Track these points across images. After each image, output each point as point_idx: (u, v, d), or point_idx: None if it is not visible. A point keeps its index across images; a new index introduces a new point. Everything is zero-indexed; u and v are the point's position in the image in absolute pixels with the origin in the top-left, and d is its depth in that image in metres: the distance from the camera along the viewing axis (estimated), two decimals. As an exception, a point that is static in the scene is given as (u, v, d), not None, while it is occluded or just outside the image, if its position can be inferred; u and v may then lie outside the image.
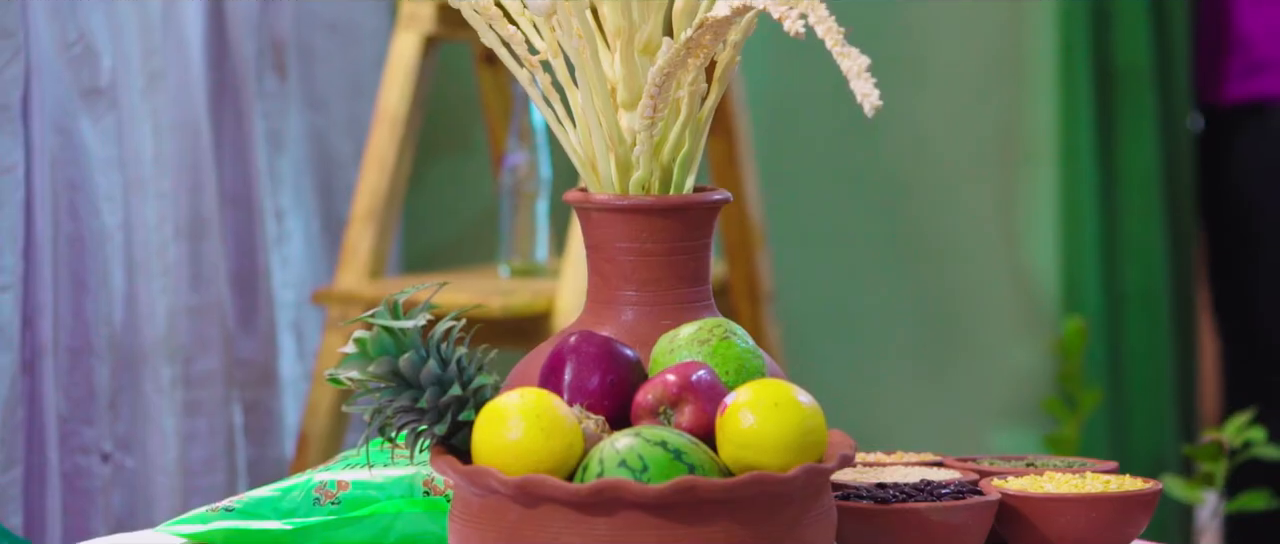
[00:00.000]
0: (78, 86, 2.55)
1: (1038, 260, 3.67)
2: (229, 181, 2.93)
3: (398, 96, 3.01)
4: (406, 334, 1.47)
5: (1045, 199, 3.65)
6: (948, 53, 3.69)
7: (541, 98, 1.62)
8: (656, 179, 1.58)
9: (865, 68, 1.31)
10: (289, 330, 3.14)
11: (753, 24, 1.61)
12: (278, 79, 3.10)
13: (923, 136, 3.70)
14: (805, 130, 3.72)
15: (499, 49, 1.61)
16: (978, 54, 3.69)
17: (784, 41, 1.46)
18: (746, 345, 1.52)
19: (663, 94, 1.51)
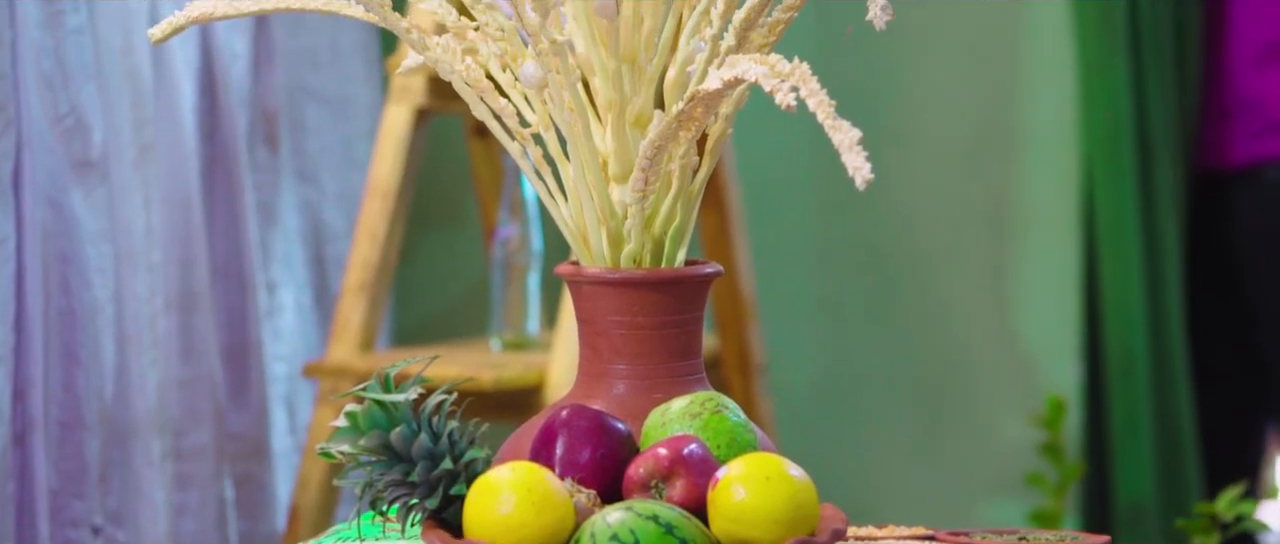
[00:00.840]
0: (69, 159, 2.55)
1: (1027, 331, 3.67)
2: (220, 254, 2.93)
3: (389, 169, 3.01)
4: (398, 408, 1.47)
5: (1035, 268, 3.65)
6: (937, 123, 3.70)
7: (533, 170, 1.62)
8: (648, 252, 1.58)
9: (856, 141, 1.31)
10: (280, 404, 3.13)
11: (744, 96, 1.61)
12: (269, 151, 3.10)
13: (913, 208, 3.70)
14: (796, 203, 3.72)
15: (490, 122, 1.61)
16: (967, 124, 3.69)
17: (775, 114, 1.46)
18: (738, 419, 1.51)
19: (654, 167, 1.52)
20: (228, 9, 1.59)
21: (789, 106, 1.33)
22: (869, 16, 1.41)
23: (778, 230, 3.69)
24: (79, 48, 2.55)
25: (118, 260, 2.63)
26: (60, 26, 2.53)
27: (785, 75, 1.36)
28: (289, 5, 1.61)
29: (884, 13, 1.40)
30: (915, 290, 3.73)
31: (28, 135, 2.46)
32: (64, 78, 2.53)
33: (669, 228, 1.59)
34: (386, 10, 1.57)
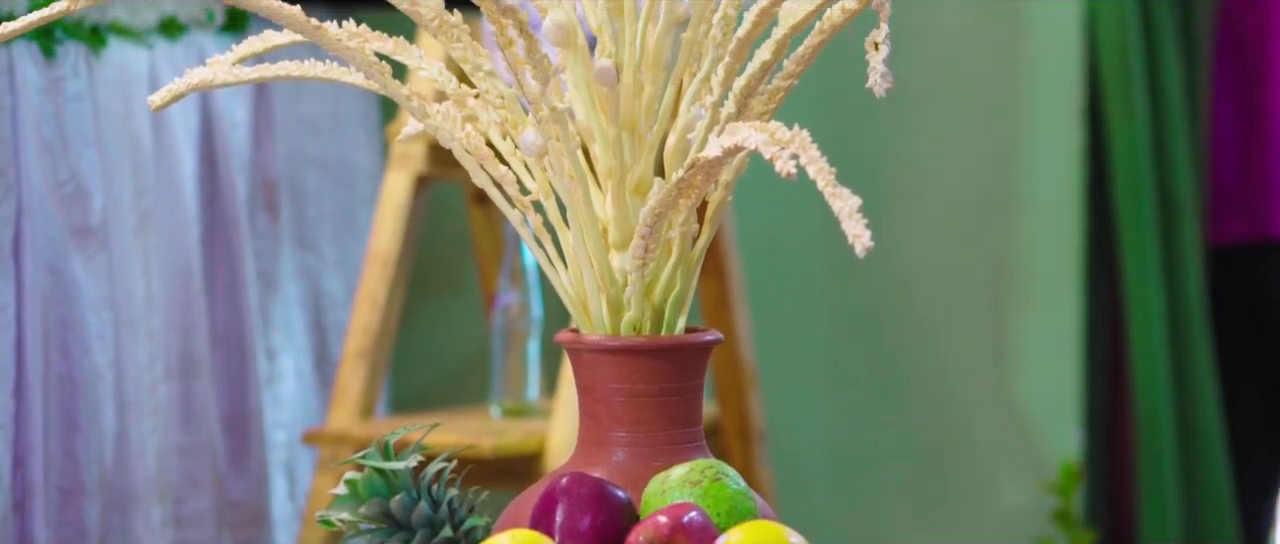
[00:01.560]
0: (69, 226, 2.55)
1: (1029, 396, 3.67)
2: (220, 321, 2.92)
3: (389, 236, 3.01)
4: (398, 475, 1.47)
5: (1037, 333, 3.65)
6: (938, 188, 3.70)
7: (533, 238, 1.62)
8: (648, 320, 1.58)
9: (856, 208, 1.31)
10: (280, 471, 3.13)
11: (744, 164, 1.61)
12: (269, 219, 3.10)
13: (914, 274, 3.70)
14: (797, 270, 3.72)
15: (490, 189, 1.61)
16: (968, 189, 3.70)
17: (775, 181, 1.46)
18: (738, 486, 1.51)
19: (654, 235, 1.52)
20: (228, 77, 1.59)
21: (789, 174, 1.33)
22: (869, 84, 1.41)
23: (778, 297, 3.69)
24: (79, 114, 2.56)
25: (118, 327, 2.63)
26: (60, 93, 2.53)
27: (785, 143, 1.36)
28: (289, 73, 1.61)
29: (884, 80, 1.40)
30: (916, 356, 3.73)
31: (28, 202, 2.46)
32: (64, 144, 2.54)
33: (669, 295, 1.59)
34: (386, 78, 1.57)
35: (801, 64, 1.56)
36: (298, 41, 1.62)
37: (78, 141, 2.56)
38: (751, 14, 1.51)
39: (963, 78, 3.69)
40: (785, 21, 1.51)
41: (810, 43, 1.54)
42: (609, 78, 1.57)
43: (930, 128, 3.70)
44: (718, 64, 1.56)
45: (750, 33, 1.51)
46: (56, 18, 1.54)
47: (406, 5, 1.54)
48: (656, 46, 1.59)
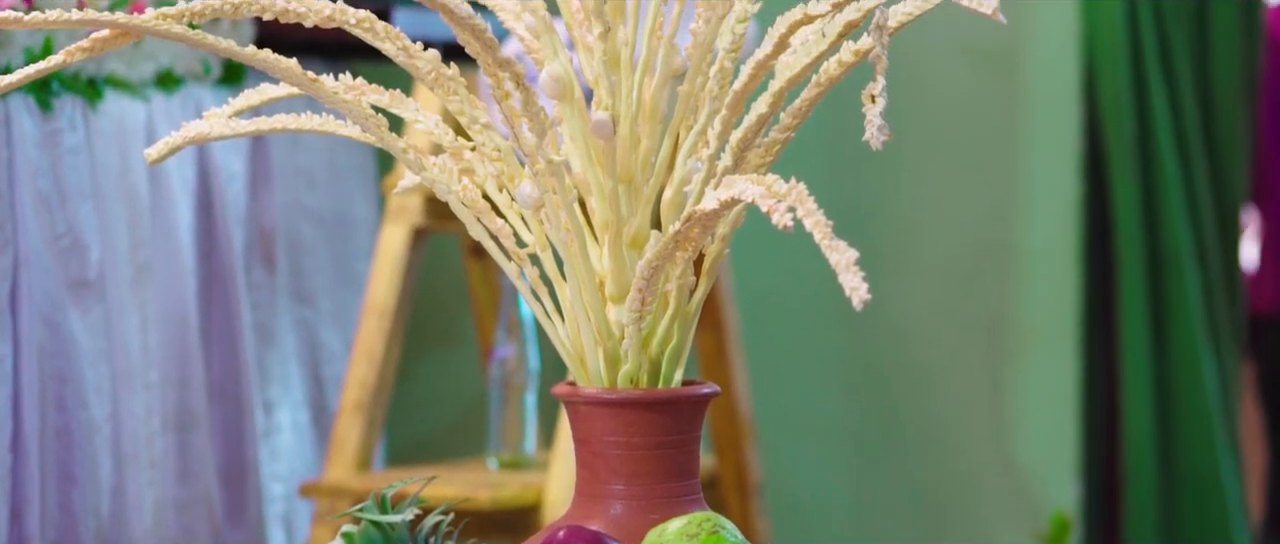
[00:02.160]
0: (66, 278, 2.55)
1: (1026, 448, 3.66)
2: (217, 374, 2.92)
3: (386, 288, 3.01)
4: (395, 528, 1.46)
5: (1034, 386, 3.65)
6: (935, 241, 3.70)
7: (530, 291, 1.62)
8: (645, 373, 1.58)
9: (854, 261, 1.31)
10: (278, 523, 3.12)
11: (741, 216, 1.61)
12: (266, 271, 3.10)
13: (911, 326, 3.70)
14: (794, 322, 3.72)
15: (487, 242, 1.61)
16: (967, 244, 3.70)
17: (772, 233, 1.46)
18: (736, 539, 1.51)
19: (651, 287, 1.51)
20: (224, 130, 1.60)
21: (786, 227, 1.33)
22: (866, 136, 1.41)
23: (775, 350, 3.69)
24: (76, 167, 2.56)
25: (114, 380, 2.63)
26: (57, 146, 2.53)
27: (782, 195, 1.36)
28: (286, 126, 1.62)
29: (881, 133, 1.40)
30: (913, 408, 3.72)
31: (25, 254, 2.46)
32: (61, 197, 2.54)
33: (666, 348, 1.59)
34: (383, 131, 1.57)
35: (798, 117, 1.56)
36: (294, 94, 1.63)
37: (75, 194, 2.56)
38: (748, 67, 1.51)
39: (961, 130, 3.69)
40: (782, 74, 1.51)
41: (807, 96, 1.55)
42: (606, 131, 1.57)
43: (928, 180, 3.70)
44: (714, 117, 1.56)
45: (747, 86, 1.52)
46: (53, 71, 1.54)
47: (403, 58, 1.54)
48: (653, 99, 1.60)
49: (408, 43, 1.55)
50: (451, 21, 1.43)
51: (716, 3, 1.56)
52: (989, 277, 3.69)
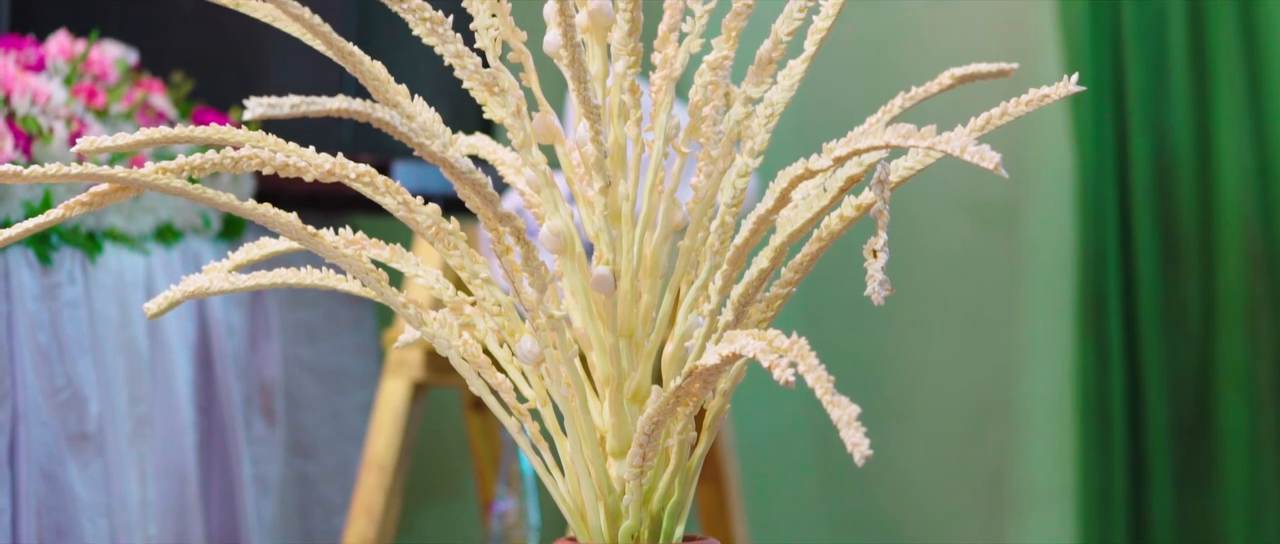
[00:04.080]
0: (65, 432, 2.54)
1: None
2: (216, 528, 2.90)
3: (386, 443, 3.00)
4: None
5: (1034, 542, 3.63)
6: (937, 398, 3.69)
7: (530, 445, 1.61)
8: (646, 528, 1.56)
9: (855, 416, 1.30)
10: None
11: (742, 371, 1.60)
12: (266, 424, 3.09)
13: (913, 481, 3.69)
14: (795, 477, 3.70)
15: (487, 397, 1.61)
16: (967, 400, 3.69)
17: (774, 387, 1.45)
18: None
19: (652, 443, 1.50)
20: (224, 284, 1.59)
21: (788, 382, 1.33)
22: (867, 291, 1.41)
23: (777, 504, 3.67)
24: (75, 321, 2.56)
25: (114, 534, 2.61)
26: (56, 299, 2.53)
27: (783, 351, 1.35)
28: (286, 280, 1.61)
29: (882, 288, 1.40)
30: (916, 564, 3.70)
31: (23, 408, 2.45)
32: (60, 350, 2.53)
33: (667, 503, 1.57)
34: (383, 285, 1.57)
35: (800, 272, 1.56)
36: (294, 248, 1.62)
37: (74, 348, 2.55)
38: (749, 222, 1.51)
39: (962, 285, 3.69)
40: (783, 229, 1.51)
41: (808, 251, 1.54)
42: (606, 285, 1.56)
43: (929, 335, 3.70)
44: (716, 272, 1.56)
45: (748, 241, 1.51)
46: (52, 225, 1.54)
47: (403, 213, 1.54)
48: (654, 254, 1.59)
49: (408, 197, 1.55)
50: (451, 176, 1.43)
51: (717, 157, 1.56)
52: (989, 433, 3.68)
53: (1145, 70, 3.63)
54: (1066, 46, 3.66)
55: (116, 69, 2.86)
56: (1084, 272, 3.61)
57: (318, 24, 1.38)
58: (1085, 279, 3.60)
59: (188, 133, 1.48)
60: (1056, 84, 1.46)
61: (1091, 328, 3.60)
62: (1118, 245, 3.56)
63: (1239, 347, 3.62)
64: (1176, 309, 3.60)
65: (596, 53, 1.59)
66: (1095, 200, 3.59)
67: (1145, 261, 3.57)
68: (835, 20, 1.54)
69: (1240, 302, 3.63)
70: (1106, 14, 3.66)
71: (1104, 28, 3.66)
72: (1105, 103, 3.63)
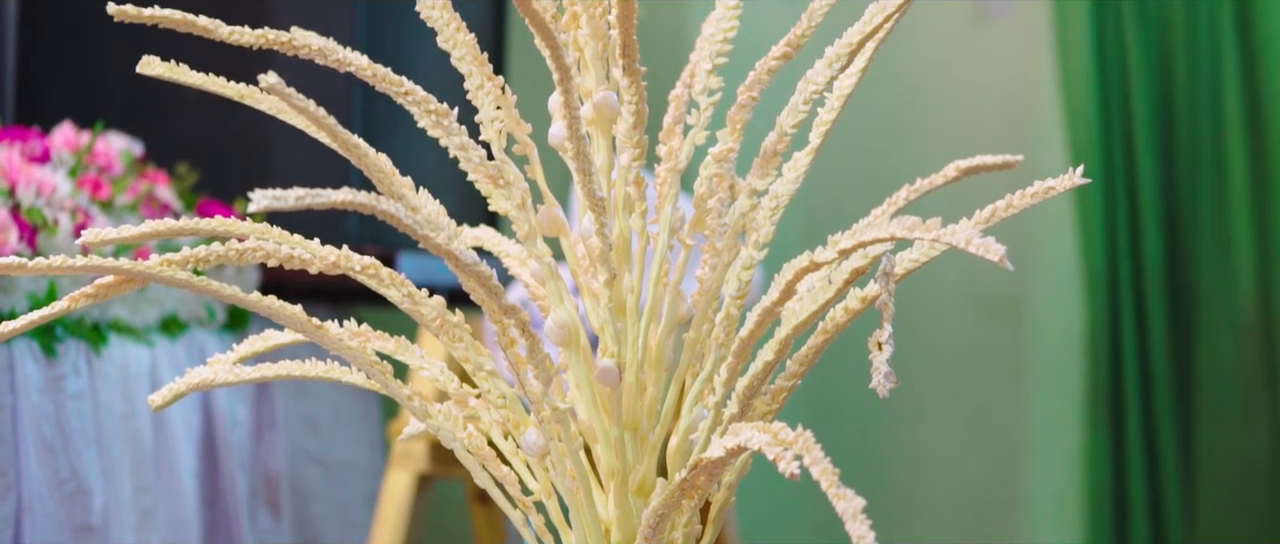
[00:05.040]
0: (70, 524, 2.53)
1: None
2: (219, 621, 2.90)
3: (391, 534, 2.99)
4: None
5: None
6: (943, 489, 3.68)
7: (536, 538, 1.60)
8: (651, 622, 1.55)
9: (860, 509, 1.30)
10: None
11: (748, 464, 1.60)
12: (271, 516, 3.08)
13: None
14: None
15: (492, 489, 1.60)
16: (973, 491, 3.68)
17: (778, 479, 1.45)
18: None
19: (657, 536, 1.50)
20: (229, 376, 1.59)
21: (793, 475, 1.32)
22: (873, 384, 1.41)
23: (782, 597, 3.66)
24: (80, 413, 2.55)
25: (116, 627, 2.60)
26: (61, 391, 2.53)
27: (789, 444, 1.35)
28: (290, 372, 1.61)
29: (888, 380, 1.40)
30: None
31: (28, 500, 2.45)
32: (65, 443, 2.53)
33: (672, 597, 1.57)
34: (388, 378, 1.57)
35: (805, 364, 1.56)
36: (299, 340, 1.62)
37: (78, 440, 2.55)
38: (754, 314, 1.50)
39: (966, 377, 3.69)
40: (788, 322, 1.51)
41: (813, 343, 1.54)
42: (611, 378, 1.56)
43: (934, 427, 3.69)
44: (720, 364, 1.55)
45: (753, 333, 1.51)
46: (57, 317, 1.54)
47: (408, 305, 1.54)
48: (659, 346, 1.59)
49: (413, 289, 1.55)
50: (456, 268, 1.43)
51: (722, 250, 1.56)
52: (995, 524, 3.67)
53: (1154, 159, 3.64)
54: (1072, 136, 3.67)
55: (121, 160, 2.87)
56: (1093, 361, 3.60)
57: (322, 116, 1.39)
58: (1095, 369, 3.60)
59: (193, 225, 1.48)
60: (1062, 176, 1.46)
61: (1105, 418, 3.59)
62: (1135, 335, 3.56)
63: (1261, 429, 3.62)
64: (1193, 396, 3.60)
65: (601, 145, 1.59)
66: (1107, 290, 3.58)
67: (1158, 350, 3.56)
68: (840, 112, 1.55)
69: (1258, 385, 3.62)
70: (1116, 104, 3.66)
71: (1114, 118, 3.67)
72: (1117, 193, 3.63)
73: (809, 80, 1.53)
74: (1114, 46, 3.73)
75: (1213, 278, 3.65)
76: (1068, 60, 3.75)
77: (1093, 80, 3.71)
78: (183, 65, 1.58)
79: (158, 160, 3.14)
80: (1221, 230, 3.65)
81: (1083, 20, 3.75)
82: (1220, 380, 3.63)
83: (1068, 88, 3.75)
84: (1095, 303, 3.60)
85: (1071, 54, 3.75)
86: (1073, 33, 3.76)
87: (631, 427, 1.58)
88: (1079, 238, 3.62)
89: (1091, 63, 3.72)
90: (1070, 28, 3.77)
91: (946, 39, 4.00)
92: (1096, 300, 3.61)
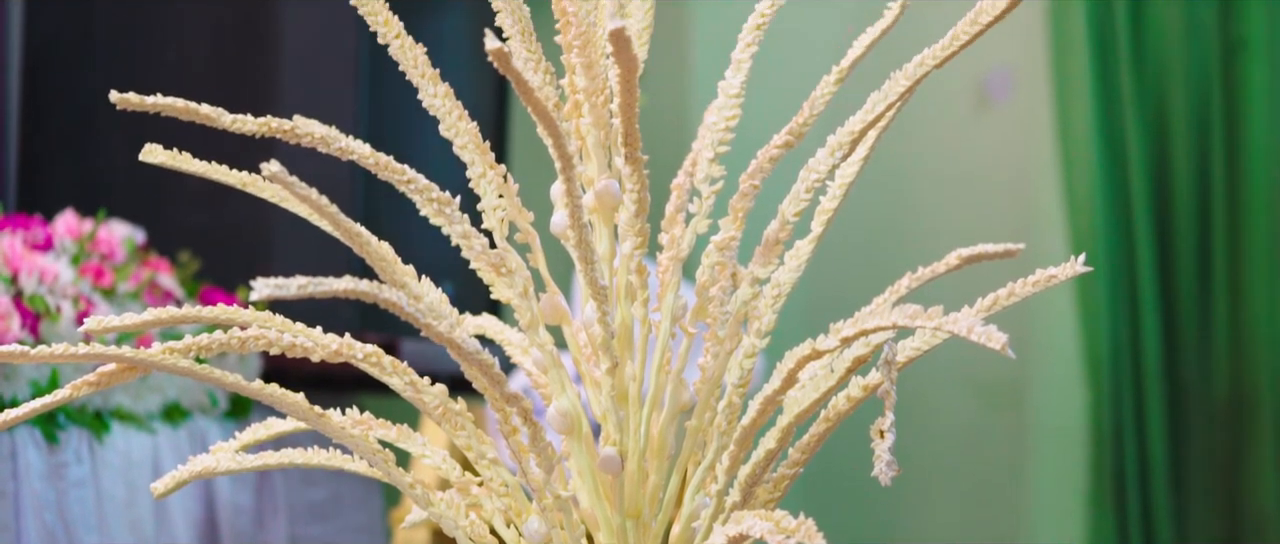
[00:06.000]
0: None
1: None
2: None
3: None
4: None
5: None
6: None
7: (536, 628, 1.59)
8: None
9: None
10: None
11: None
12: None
13: None
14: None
15: (494, 579, 1.60)
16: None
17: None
18: None
19: (659, 625, 1.49)
20: (231, 464, 1.59)
21: (795, 564, 1.32)
22: (875, 472, 1.40)
23: None
24: (81, 500, 2.55)
25: None
26: (63, 479, 2.53)
27: (791, 532, 1.35)
28: (293, 460, 1.61)
29: (889, 468, 1.39)
30: None
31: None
32: (66, 530, 2.52)
33: None
34: (390, 466, 1.56)
35: (807, 452, 1.56)
36: (301, 428, 1.62)
37: (80, 527, 2.54)
38: (756, 402, 1.50)
39: (968, 466, 3.68)
40: (790, 410, 1.50)
41: (815, 431, 1.54)
42: (614, 466, 1.56)
43: (937, 514, 3.68)
44: (722, 452, 1.55)
45: (755, 421, 1.51)
46: (60, 404, 1.53)
47: (410, 393, 1.54)
48: (661, 434, 1.59)
49: (415, 377, 1.55)
50: (458, 356, 1.43)
51: (724, 338, 1.56)
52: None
53: (1152, 248, 3.65)
54: (1072, 225, 3.68)
55: (124, 248, 2.87)
56: (1095, 448, 3.60)
57: (325, 204, 1.39)
58: (1098, 456, 3.59)
59: (195, 313, 1.48)
60: (1064, 265, 1.46)
61: (1108, 505, 3.59)
62: (1134, 422, 3.56)
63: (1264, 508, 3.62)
64: (1187, 482, 3.60)
65: (603, 234, 1.59)
66: (1111, 377, 3.59)
67: (1155, 438, 3.56)
68: (842, 201, 1.55)
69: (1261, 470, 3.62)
70: (1115, 192, 3.67)
71: (1115, 205, 3.68)
72: (1118, 281, 3.64)
73: (811, 169, 1.54)
74: (1116, 135, 3.75)
75: (1199, 367, 3.65)
76: (1069, 148, 3.76)
77: (1095, 168, 3.72)
78: (185, 153, 1.58)
79: (160, 248, 3.15)
80: (1206, 321, 3.66)
81: (1084, 108, 3.76)
82: (1210, 467, 3.63)
83: (1069, 176, 3.76)
84: (1098, 390, 3.60)
85: (1073, 142, 3.76)
86: (1074, 121, 3.78)
87: (634, 515, 1.58)
88: (1081, 325, 3.62)
89: (1094, 151, 3.73)
90: (1072, 116, 3.78)
91: (948, 126, 4.01)
92: (1099, 388, 3.61)
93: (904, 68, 1.48)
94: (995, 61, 4.01)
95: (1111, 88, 3.76)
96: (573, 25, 1.53)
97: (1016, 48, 3.96)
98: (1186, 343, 3.64)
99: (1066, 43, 3.83)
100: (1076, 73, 3.80)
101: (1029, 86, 3.95)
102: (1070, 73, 3.81)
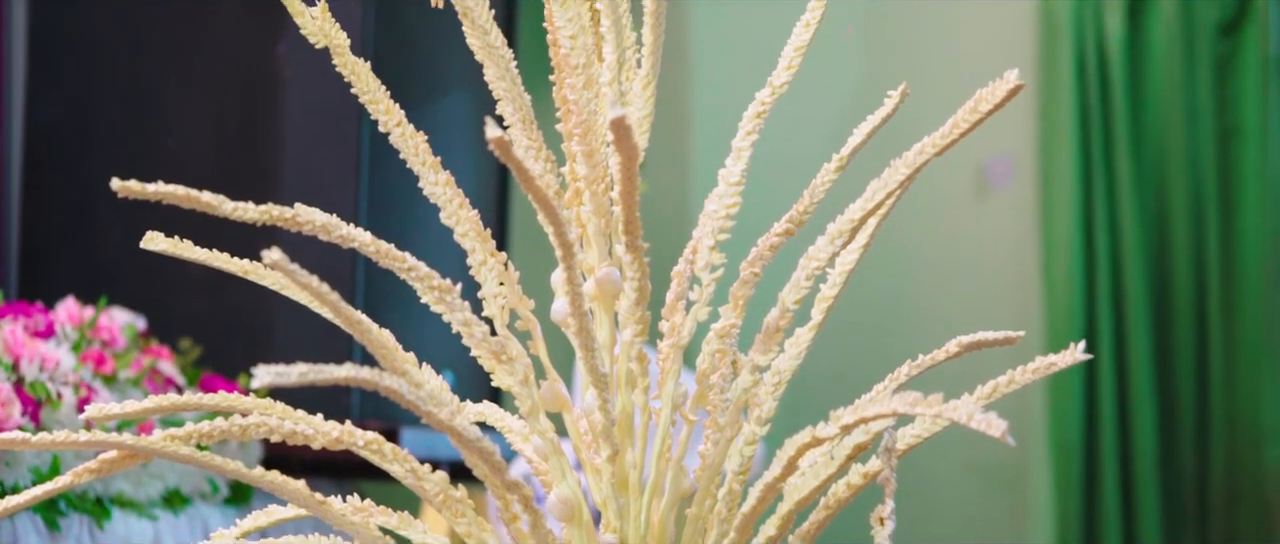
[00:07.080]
0: None
1: None
2: None
3: None
4: None
5: None
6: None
7: None
8: None
9: None
10: None
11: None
12: None
13: None
14: None
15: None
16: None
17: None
18: None
19: None
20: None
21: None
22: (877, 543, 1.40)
23: None
24: (81, 586, 2.54)
25: None
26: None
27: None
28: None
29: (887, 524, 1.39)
30: None
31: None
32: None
33: None
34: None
35: (807, 540, 1.55)
36: (302, 515, 1.62)
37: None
38: (756, 489, 1.50)
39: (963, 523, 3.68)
40: (790, 497, 1.50)
41: (815, 518, 1.54)
42: None
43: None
44: (723, 540, 1.55)
45: (755, 508, 1.51)
46: (61, 491, 1.53)
47: (411, 480, 1.54)
48: (661, 522, 1.59)
49: (416, 464, 1.55)
50: (459, 443, 1.43)
51: (725, 425, 1.56)
52: None
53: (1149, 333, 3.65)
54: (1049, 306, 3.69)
55: (125, 335, 2.87)
56: (1089, 528, 3.60)
57: (326, 292, 1.39)
58: (1091, 533, 3.59)
59: (196, 400, 1.48)
60: (1063, 352, 1.46)
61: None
62: (1119, 512, 3.56)
63: None
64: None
65: (604, 321, 1.60)
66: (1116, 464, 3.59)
67: (1149, 526, 3.57)
68: (842, 288, 1.55)
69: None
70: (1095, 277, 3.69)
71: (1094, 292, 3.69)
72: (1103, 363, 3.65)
73: (811, 257, 1.54)
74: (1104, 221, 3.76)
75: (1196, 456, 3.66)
76: (1051, 234, 3.78)
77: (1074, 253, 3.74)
78: (186, 241, 1.59)
79: (161, 335, 3.15)
80: (1203, 411, 3.66)
81: (1066, 194, 3.78)
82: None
83: (1049, 259, 3.77)
84: (1099, 476, 3.60)
85: (1054, 228, 3.78)
86: (1057, 207, 3.79)
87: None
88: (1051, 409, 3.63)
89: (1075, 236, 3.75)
90: (1055, 202, 3.80)
91: (948, 212, 4.02)
92: (1100, 474, 3.61)
93: (904, 156, 1.49)
94: (996, 148, 4.02)
95: (1110, 172, 3.78)
96: (574, 113, 1.53)
97: (1017, 134, 3.98)
98: (1182, 432, 3.65)
99: (1053, 130, 3.85)
100: (1061, 159, 3.82)
101: (1029, 172, 3.97)
102: (1056, 158, 3.83)
